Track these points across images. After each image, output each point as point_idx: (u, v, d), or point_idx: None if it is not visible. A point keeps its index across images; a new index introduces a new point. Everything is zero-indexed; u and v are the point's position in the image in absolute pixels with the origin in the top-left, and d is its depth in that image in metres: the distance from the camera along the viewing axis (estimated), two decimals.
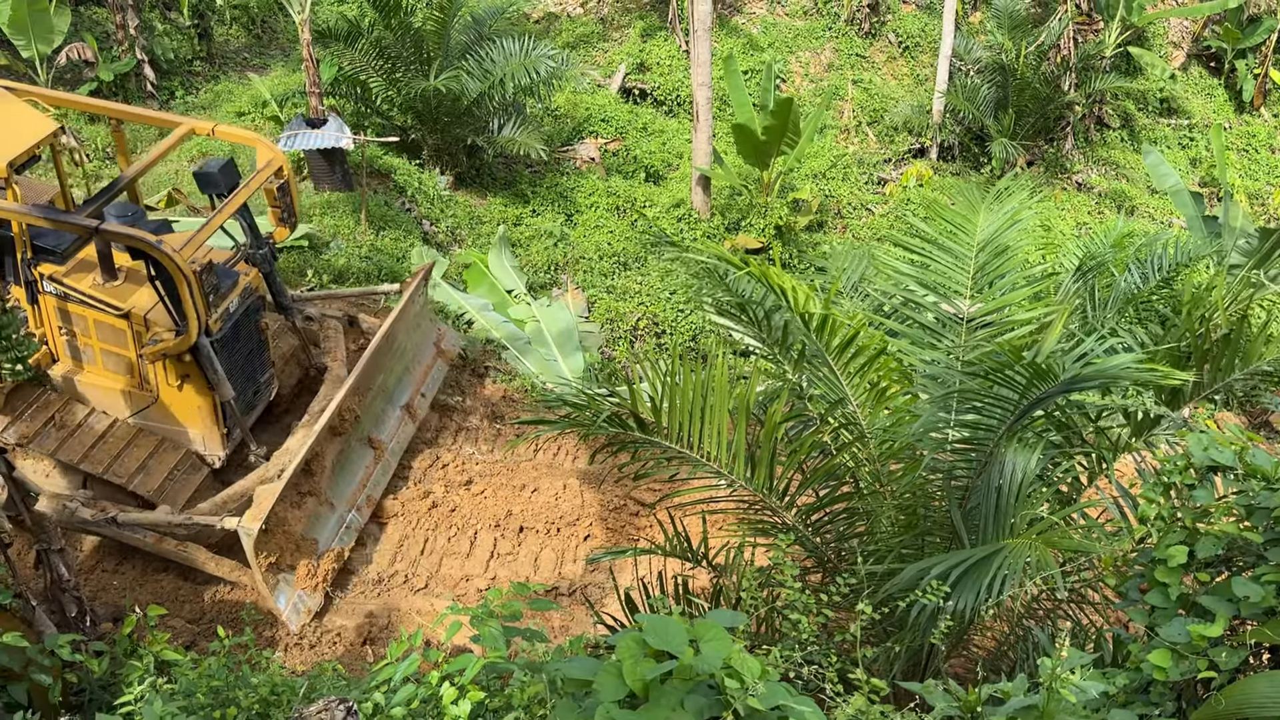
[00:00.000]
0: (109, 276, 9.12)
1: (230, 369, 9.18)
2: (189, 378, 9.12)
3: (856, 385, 5.97)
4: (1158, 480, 4.07)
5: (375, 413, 10.36)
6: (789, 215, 15.88)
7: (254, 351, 9.71)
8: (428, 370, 11.23)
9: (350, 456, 9.95)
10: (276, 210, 9.72)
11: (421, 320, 11.26)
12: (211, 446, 9.55)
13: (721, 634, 2.75)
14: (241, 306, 9.34)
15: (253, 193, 9.26)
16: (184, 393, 9.22)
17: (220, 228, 9.28)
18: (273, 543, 8.72)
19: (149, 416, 9.45)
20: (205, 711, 5.21)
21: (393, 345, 10.52)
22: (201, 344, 8.74)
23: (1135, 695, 3.57)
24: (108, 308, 9.01)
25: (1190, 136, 20.33)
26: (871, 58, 20.67)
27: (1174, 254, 8.78)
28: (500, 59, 15.28)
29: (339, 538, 9.45)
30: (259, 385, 9.95)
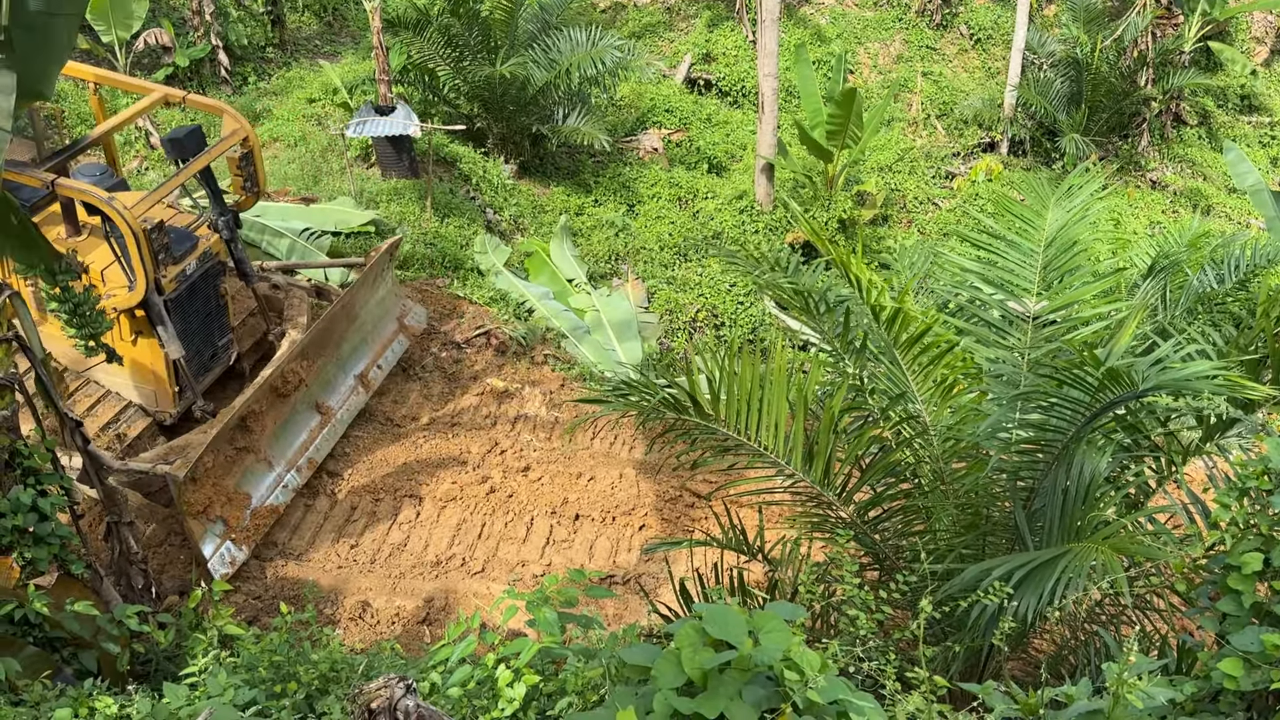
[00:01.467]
0: (73, 231, 9.46)
1: (186, 330, 9.53)
2: (142, 334, 9.43)
3: (922, 382, 5.90)
4: (1233, 485, 3.96)
5: (326, 379, 10.63)
6: (853, 208, 15.72)
7: (212, 315, 10.03)
8: (387, 344, 11.47)
9: (295, 419, 10.21)
10: (239, 179, 10.00)
11: (386, 294, 11.52)
12: (163, 403, 9.84)
13: (781, 626, 2.73)
14: (199, 270, 9.66)
15: (213, 159, 9.57)
16: (138, 349, 9.53)
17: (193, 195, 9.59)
18: (202, 493, 9.00)
19: (105, 370, 9.69)
20: (267, 685, 5.32)
21: (351, 315, 10.82)
22: (152, 301, 9.01)
23: (1203, 704, 3.48)
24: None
25: (1272, 134, 19.72)
26: (942, 50, 20.36)
27: (1251, 255, 8.53)
28: (566, 48, 15.32)
29: (274, 495, 9.71)
30: (216, 348, 10.27)
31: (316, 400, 10.47)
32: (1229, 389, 4.65)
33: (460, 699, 4.58)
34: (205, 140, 9.72)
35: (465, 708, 4.56)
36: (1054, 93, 18.45)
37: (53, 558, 6.52)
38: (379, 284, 11.34)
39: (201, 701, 4.91)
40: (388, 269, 11.54)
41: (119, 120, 9.65)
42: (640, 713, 2.61)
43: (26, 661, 5.80)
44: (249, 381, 10.32)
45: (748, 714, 2.57)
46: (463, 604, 9.05)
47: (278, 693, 5.23)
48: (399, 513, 10.06)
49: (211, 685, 4.96)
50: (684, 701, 2.58)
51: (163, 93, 9.98)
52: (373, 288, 11.19)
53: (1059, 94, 18.45)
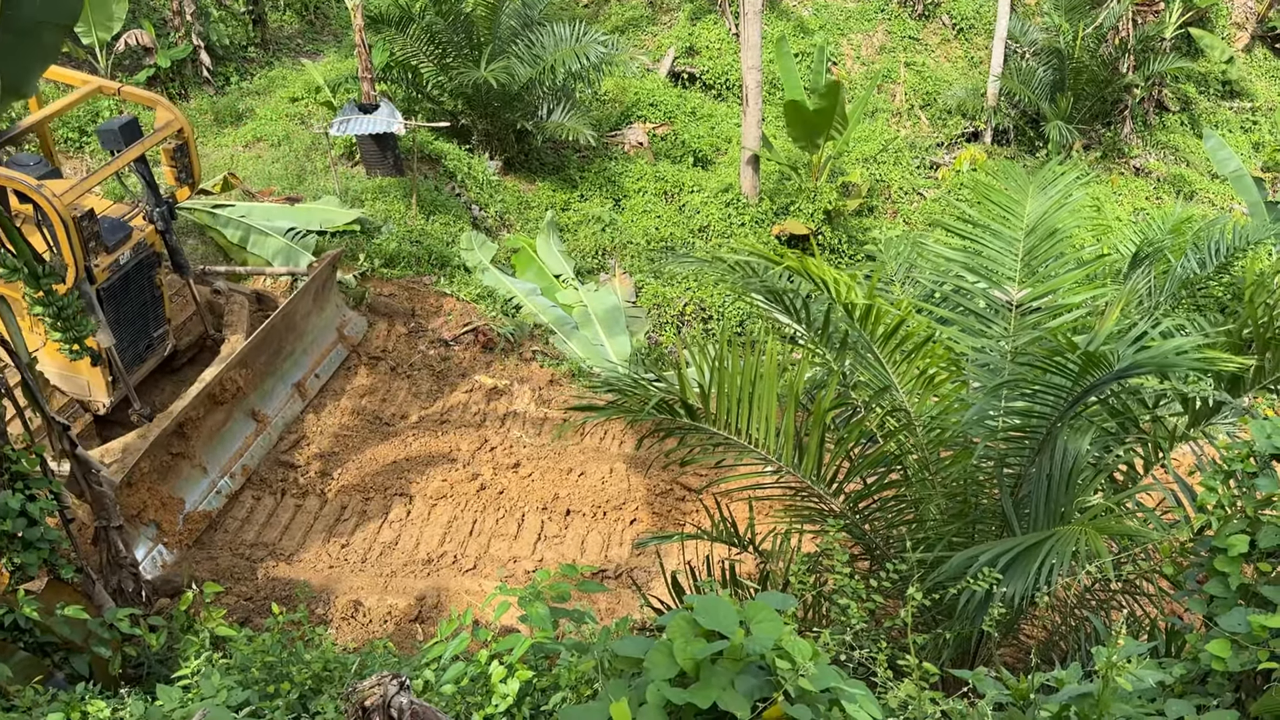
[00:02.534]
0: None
1: (119, 320, 9.53)
2: None
3: (903, 373, 5.92)
4: (1218, 468, 3.99)
5: (265, 388, 10.70)
6: (838, 199, 15.74)
7: (146, 305, 10.02)
8: (326, 353, 11.55)
9: (232, 426, 10.29)
10: (173, 169, 10.00)
11: (326, 304, 11.59)
12: (97, 393, 9.82)
13: (772, 616, 2.75)
14: (133, 260, 9.66)
15: (146, 150, 9.53)
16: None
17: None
18: (136, 497, 9.06)
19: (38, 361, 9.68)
20: (260, 686, 5.32)
21: (291, 325, 10.89)
22: (83, 290, 8.98)
23: (1192, 686, 3.51)
24: None
25: (1254, 120, 19.82)
26: (925, 40, 20.39)
27: (1232, 238, 8.60)
28: (550, 44, 15.29)
29: (207, 500, 9.78)
30: (151, 340, 10.26)
31: (253, 408, 10.56)
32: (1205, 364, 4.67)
33: (454, 696, 4.59)
34: (140, 131, 9.71)
35: (459, 704, 4.57)
36: (1037, 81, 18.50)
37: (42, 562, 6.49)
38: (321, 295, 11.44)
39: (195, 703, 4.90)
40: (331, 280, 11.67)
41: (51, 111, 9.60)
42: (633, 704, 2.62)
43: (18, 666, 5.79)
44: (185, 384, 10.38)
45: (740, 703, 2.59)
46: (455, 601, 9.05)
47: (271, 693, 5.22)
48: (389, 511, 10.05)
49: (204, 687, 4.96)
50: (677, 692, 2.59)
51: (97, 84, 9.95)
52: (314, 299, 11.28)
53: (1042, 82, 18.51)
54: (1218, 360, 4.73)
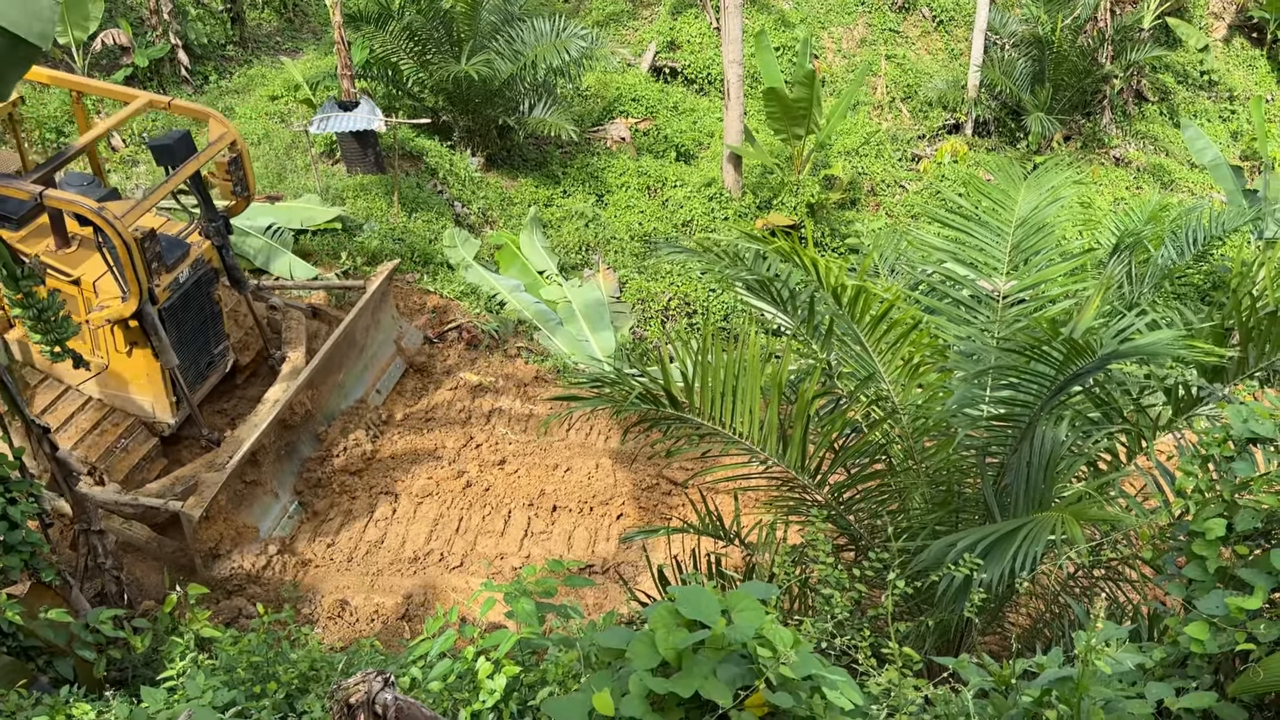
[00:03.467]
0: (62, 243, 9.31)
1: (180, 339, 9.42)
2: (137, 344, 9.32)
3: (889, 362, 5.94)
4: (1196, 453, 4.02)
5: (329, 407, 10.59)
6: (821, 192, 15.78)
7: (206, 322, 9.91)
8: (385, 367, 11.45)
9: (299, 448, 10.22)
10: (228, 184, 9.86)
11: (383, 318, 11.46)
12: (161, 413, 9.74)
13: (754, 604, 2.76)
14: (192, 278, 9.55)
15: (202, 165, 9.41)
16: (133, 359, 9.41)
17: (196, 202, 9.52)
18: (214, 530, 8.97)
19: (101, 383, 9.62)
20: (246, 686, 5.30)
21: (352, 341, 10.77)
22: (145, 310, 8.91)
23: (1172, 669, 3.54)
24: (59, 274, 9.18)
25: (1231, 109, 19.96)
26: (905, 32, 20.45)
27: (1209, 226, 8.66)
28: (531, 39, 15.27)
29: (280, 525, 9.71)
30: (212, 357, 10.14)
31: (317, 430, 10.47)
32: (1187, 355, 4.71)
33: (441, 692, 4.58)
34: (194, 145, 9.55)
35: (446, 701, 4.57)
36: (1017, 73, 18.58)
37: (24, 566, 6.46)
38: (378, 308, 11.26)
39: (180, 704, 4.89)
40: (387, 292, 11.46)
41: (104, 128, 9.47)
42: (616, 695, 2.63)
43: (1, 671, 5.76)
44: (245, 401, 10.23)
45: (722, 692, 2.60)
46: (441, 599, 9.04)
47: (257, 693, 5.21)
48: (375, 509, 10.02)
49: (190, 688, 4.94)
50: (659, 682, 2.60)
51: (147, 98, 9.80)
52: (373, 312, 11.10)
53: (1022, 74, 18.58)
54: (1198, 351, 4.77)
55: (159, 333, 9.08)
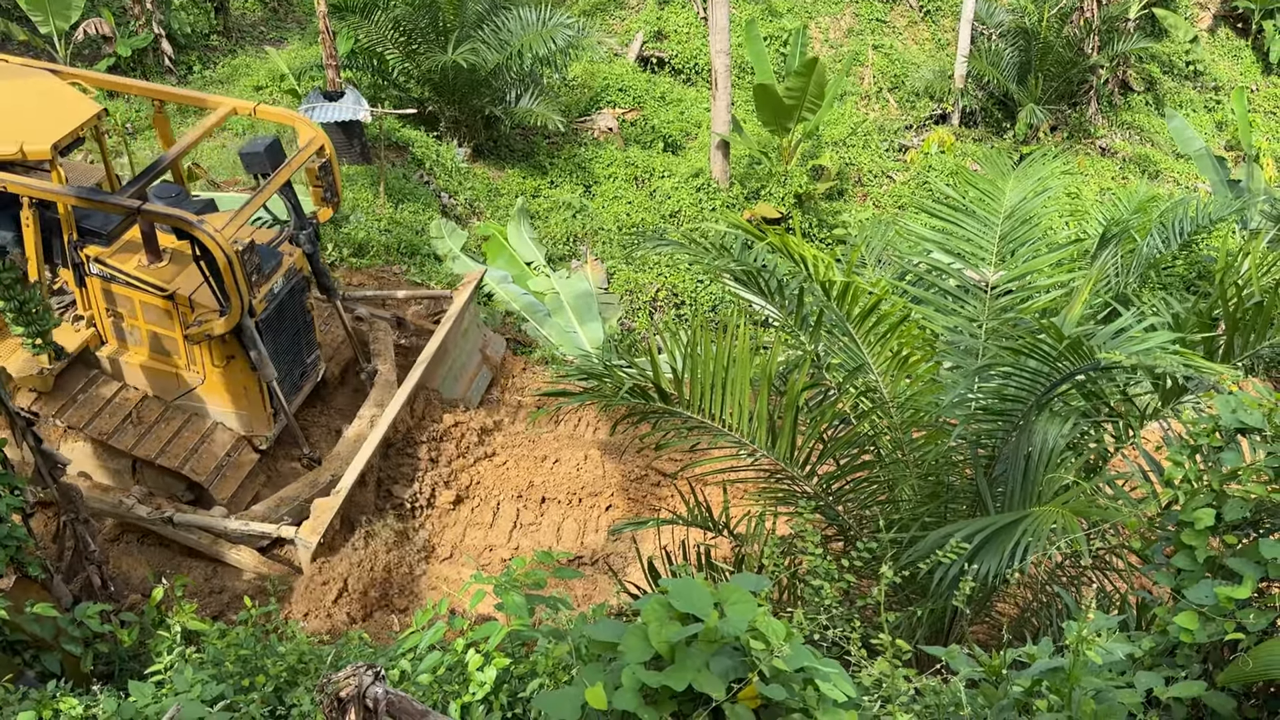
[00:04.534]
0: (154, 258, 9.11)
1: (276, 350, 9.19)
2: (234, 358, 9.13)
3: (878, 354, 5.94)
4: (1185, 443, 4.03)
5: (425, 422, 10.42)
6: (809, 183, 15.77)
7: (299, 332, 9.68)
8: (473, 377, 11.27)
9: (402, 467, 10.05)
10: (318, 189, 9.68)
11: (470, 327, 11.25)
12: (258, 428, 9.56)
13: (746, 597, 2.75)
14: (286, 287, 9.33)
15: (294, 172, 9.22)
16: (230, 373, 9.23)
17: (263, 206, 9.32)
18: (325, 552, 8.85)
19: (196, 398, 9.46)
20: (234, 679, 5.28)
21: (443, 351, 10.57)
22: (245, 324, 8.73)
23: (1161, 658, 3.55)
24: (153, 289, 9.00)
25: (1217, 99, 20.03)
26: (892, 22, 20.44)
27: (1195, 216, 8.71)
28: (517, 29, 15.19)
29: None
30: (305, 366, 9.92)
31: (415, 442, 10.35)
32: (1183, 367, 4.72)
33: (431, 685, 4.58)
34: (282, 152, 9.38)
35: (436, 693, 4.56)
36: (1004, 63, 18.59)
37: (10, 560, 6.41)
38: (465, 317, 11.11)
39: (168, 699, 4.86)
40: (472, 301, 11.31)
41: (193, 138, 9.27)
42: (609, 688, 2.63)
43: None
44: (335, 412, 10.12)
45: (715, 684, 2.59)
46: (431, 591, 9.02)
47: (245, 687, 5.19)
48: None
49: (178, 682, 4.92)
50: (652, 675, 2.59)
51: (231, 105, 9.65)
52: (460, 322, 10.95)
53: (1009, 64, 18.60)
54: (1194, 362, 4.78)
55: (258, 346, 8.88)
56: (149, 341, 9.37)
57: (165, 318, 9.13)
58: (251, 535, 8.89)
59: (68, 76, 9.81)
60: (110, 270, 9.06)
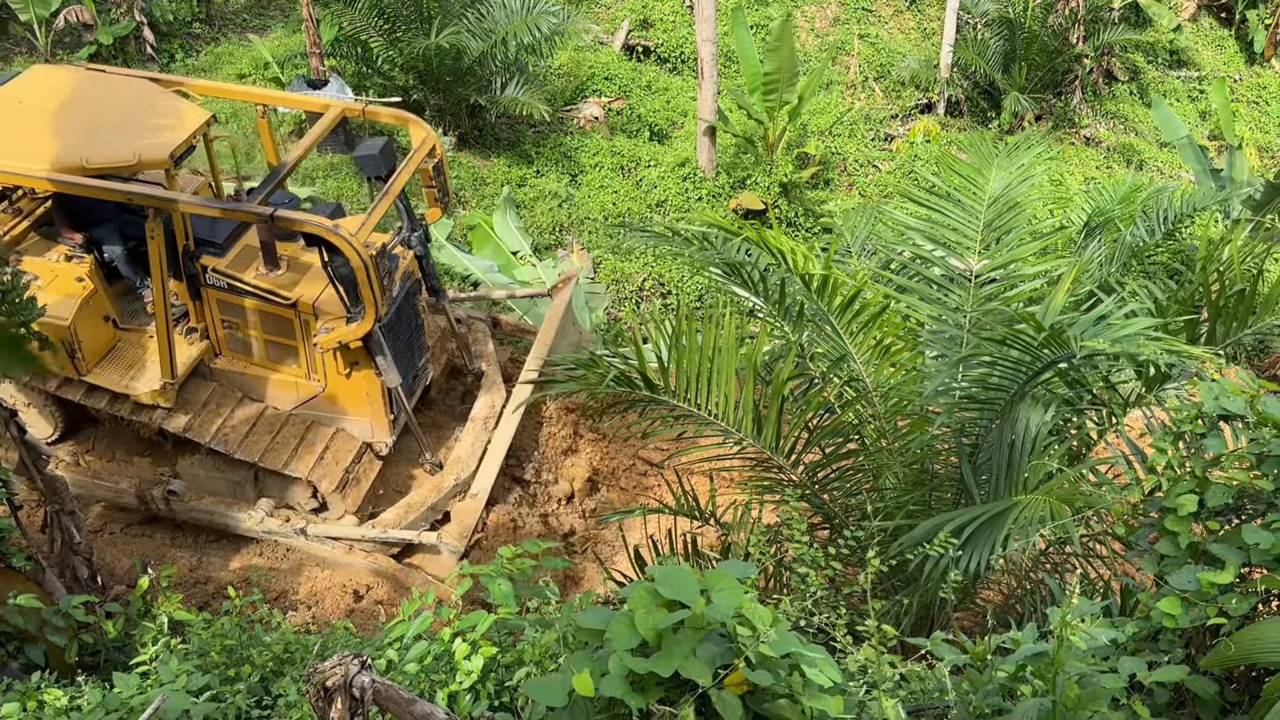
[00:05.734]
0: (272, 266, 8.99)
1: (393, 354, 9.03)
2: (358, 365, 8.98)
3: (860, 343, 5.96)
4: (1168, 430, 4.06)
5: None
6: (794, 172, 15.77)
7: (412, 336, 9.55)
8: None
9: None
10: (431, 191, 9.54)
11: (566, 324, 11.07)
12: (379, 434, 9.44)
13: (732, 584, 2.76)
14: (402, 290, 9.18)
15: (412, 173, 9.09)
16: (353, 381, 9.09)
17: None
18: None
19: (315, 406, 9.35)
20: (220, 670, 5.27)
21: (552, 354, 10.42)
22: (374, 330, 8.59)
23: (1144, 643, 3.58)
24: (275, 298, 8.87)
25: (1200, 89, 20.11)
26: (878, 11, 20.43)
27: (1179, 205, 8.75)
28: (501, 16, 15.11)
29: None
30: (417, 369, 9.78)
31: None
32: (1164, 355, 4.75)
33: (418, 674, 4.58)
34: (395, 153, 9.21)
35: (423, 682, 4.56)
36: (990, 52, 18.62)
37: None
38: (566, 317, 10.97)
39: (154, 690, 4.85)
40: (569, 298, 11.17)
41: (309, 142, 9.07)
42: (596, 675, 2.63)
43: None
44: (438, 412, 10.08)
45: (702, 671, 2.60)
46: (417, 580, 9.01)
47: (231, 677, 5.18)
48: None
49: (163, 673, 4.91)
50: (639, 662, 2.60)
51: (341, 107, 9.50)
52: (565, 322, 10.81)
53: (994, 53, 18.63)
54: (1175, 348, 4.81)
55: (385, 351, 8.73)
56: (266, 351, 9.26)
57: (285, 326, 9.01)
58: (388, 543, 8.83)
59: (169, 84, 9.64)
60: (228, 279, 8.91)
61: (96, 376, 8.99)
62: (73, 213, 9.13)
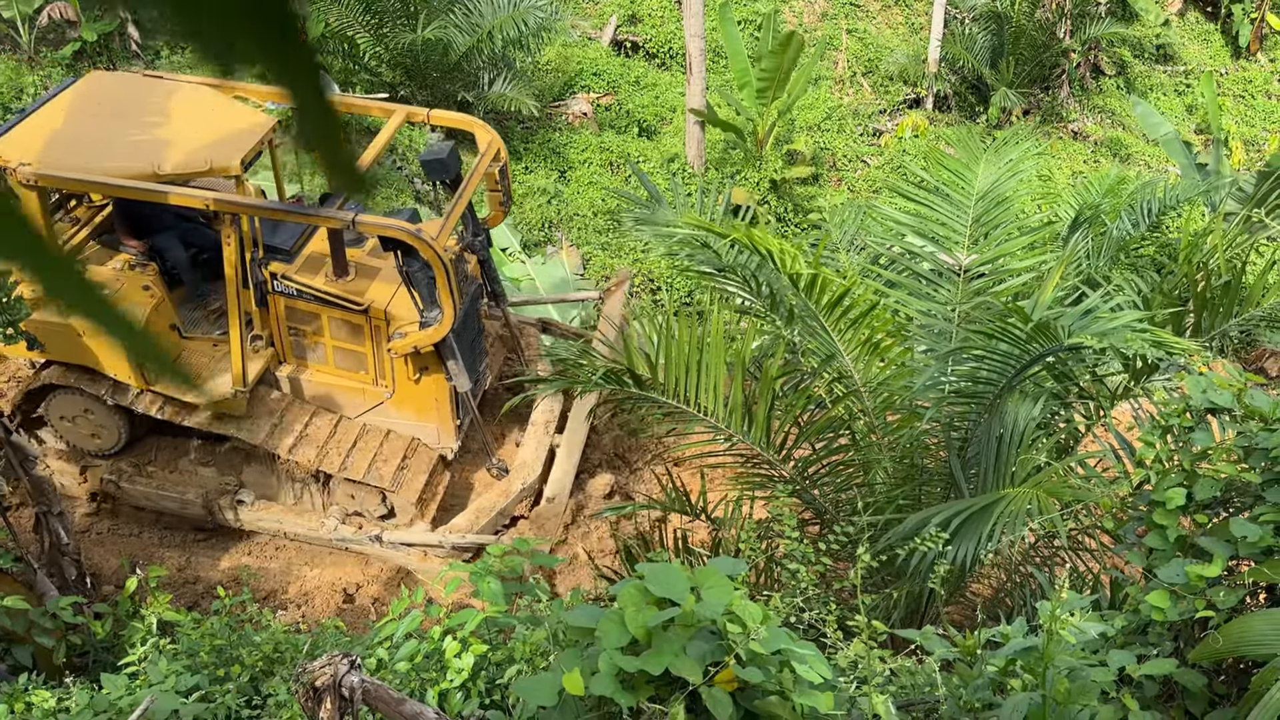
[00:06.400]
0: (341, 272, 8.93)
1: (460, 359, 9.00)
2: (427, 370, 8.92)
3: (849, 340, 5.97)
4: (1156, 424, 4.07)
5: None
6: (784, 168, 15.78)
7: (475, 340, 9.49)
8: None
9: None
10: (496, 194, 9.51)
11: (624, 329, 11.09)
12: (445, 440, 9.37)
13: (723, 581, 2.76)
14: (467, 295, 9.10)
15: (481, 177, 9.04)
16: (421, 386, 9.02)
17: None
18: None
19: (381, 413, 9.29)
20: (210, 670, 5.26)
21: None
22: (448, 335, 8.54)
23: (1133, 636, 3.60)
24: (348, 303, 8.80)
25: (1187, 83, 20.18)
26: (866, 6, 20.43)
27: (1163, 198, 8.80)
28: (488, 11, 15.06)
29: None
30: (479, 374, 9.70)
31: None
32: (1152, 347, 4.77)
33: (409, 673, 4.57)
34: (460, 157, 9.17)
35: (414, 681, 4.55)
36: (978, 47, 18.64)
37: None
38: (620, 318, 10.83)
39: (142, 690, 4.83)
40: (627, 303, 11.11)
41: (375, 151, 8.97)
42: (586, 674, 2.62)
43: None
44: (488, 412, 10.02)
45: (692, 668, 2.60)
46: (406, 580, 9.00)
47: (221, 677, 5.17)
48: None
49: (152, 673, 4.89)
50: (629, 660, 2.59)
51: (405, 113, 9.44)
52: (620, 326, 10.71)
53: (982, 48, 18.65)
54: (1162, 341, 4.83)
55: (456, 356, 8.65)
56: (334, 358, 9.20)
57: (355, 332, 8.94)
58: (465, 548, 8.79)
59: (228, 90, 9.61)
60: (298, 286, 8.84)
61: (164, 385, 8.92)
62: (133, 221, 9.12)
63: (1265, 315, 6.00)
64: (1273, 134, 19.24)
